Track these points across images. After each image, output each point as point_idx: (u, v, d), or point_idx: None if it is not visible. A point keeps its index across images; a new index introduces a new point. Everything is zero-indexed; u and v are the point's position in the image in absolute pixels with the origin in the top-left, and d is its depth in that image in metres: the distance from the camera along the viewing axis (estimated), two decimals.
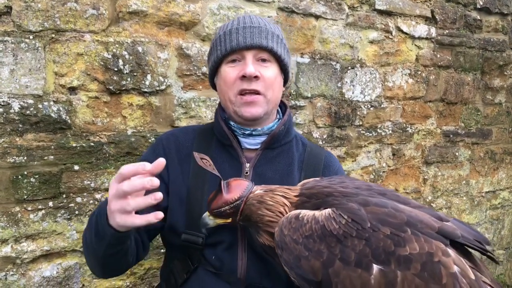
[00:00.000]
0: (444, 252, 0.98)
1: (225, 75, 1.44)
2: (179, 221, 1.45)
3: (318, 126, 2.70)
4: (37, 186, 1.94)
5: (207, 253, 1.42)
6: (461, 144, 3.46)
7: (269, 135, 1.51)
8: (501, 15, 3.46)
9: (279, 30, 1.52)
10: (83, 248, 1.38)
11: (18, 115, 1.87)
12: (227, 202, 1.21)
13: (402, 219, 1.01)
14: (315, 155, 1.59)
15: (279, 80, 1.50)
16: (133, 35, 2.07)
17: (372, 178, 2.99)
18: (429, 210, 1.10)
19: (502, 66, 3.56)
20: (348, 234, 1.00)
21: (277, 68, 1.48)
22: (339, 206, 1.06)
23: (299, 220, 1.08)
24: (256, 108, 1.43)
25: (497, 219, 3.90)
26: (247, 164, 1.49)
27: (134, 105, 2.10)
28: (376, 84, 2.89)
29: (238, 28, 1.42)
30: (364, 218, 1.01)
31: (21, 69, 1.86)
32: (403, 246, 0.97)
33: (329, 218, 1.04)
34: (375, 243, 0.98)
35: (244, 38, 1.40)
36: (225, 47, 1.43)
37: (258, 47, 1.41)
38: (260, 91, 1.41)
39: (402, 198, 1.13)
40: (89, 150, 2.02)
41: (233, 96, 1.43)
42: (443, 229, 1.02)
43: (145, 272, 2.24)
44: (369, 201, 1.06)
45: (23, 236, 1.95)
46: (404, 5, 2.92)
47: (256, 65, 1.42)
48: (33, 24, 1.86)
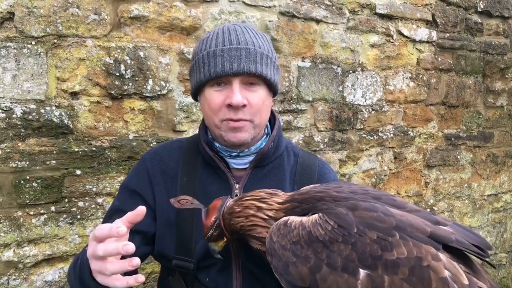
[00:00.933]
0: (434, 257, 0.96)
1: (210, 100, 1.33)
2: (169, 247, 1.39)
3: (320, 130, 2.70)
4: (39, 190, 1.95)
5: (201, 276, 1.38)
6: (462, 147, 3.46)
7: (258, 154, 1.43)
8: (502, 18, 3.47)
9: (268, 44, 1.39)
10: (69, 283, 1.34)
11: (21, 120, 1.88)
12: (207, 226, 1.22)
13: (391, 224, 1.00)
14: (307, 166, 1.51)
15: (267, 102, 1.39)
16: (135, 40, 2.08)
17: (373, 181, 2.99)
18: (427, 214, 1.09)
19: (504, 69, 3.56)
20: (334, 239, 0.99)
21: (266, 89, 1.37)
22: (327, 211, 1.06)
23: (287, 226, 1.07)
24: (243, 133, 1.33)
25: (499, 222, 3.89)
26: (236, 185, 1.41)
27: (135, 110, 2.11)
28: (377, 88, 2.90)
29: (224, 50, 1.29)
30: (351, 223, 1.00)
31: (23, 75, 1.87)
32: (390, 250, 0.96)
33: (315, 224, 1.03)
34: (361, 247, 0.97)
35: (230, 64, 1.27)
36: (209, 71, 1.30)
37: (246, 74, 1.29)
38: (246, 119, 1.32)
39: (398, 202, 1.12)
40: (91, 155, 2.03)
41: (218, 121, 1.34)
42: (435, 233, 1.00)
43: (146, 276, 2.24)
44: (358, 206, 1.05)
45: (25, 241, 1.96)
46: (405, 9, 2.92)
47: (243, 91, 1.30)
48: (35, 30, 1.87)
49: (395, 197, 1.15)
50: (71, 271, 1.31)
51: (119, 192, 1.50)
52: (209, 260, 1.37)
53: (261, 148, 1.44)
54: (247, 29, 1.36)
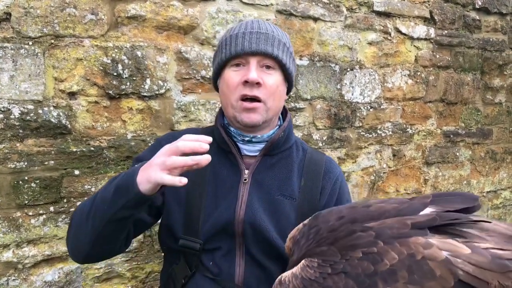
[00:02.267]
0: (425, 245, 0.93)
1: (228, 79, 1.44)
2: (177, 224, 1.45)
3: (318, 128, 2.70)
4: (38, 191, 1.95)
5: (205, 259, 1.42)
6: (461, 144, 3.46)
7: (268, 141, 1.50)
8: (500, 15, 3.47)
9: (287, 39, 1.50)
10: (75, 222, 1.36)
11: (18, 120, 1.88)
12: None
13: (371, 236, 0.98)
14: (315, 162, 1.57)
15: (281, 89, 1.48)
16: (132, 40, 2.08)
17: (372, 179, 2.99)
18: (406, 206, 1.06)
19: (502, 66, 3.56)
20: (325, 273, 0.98)
21: (281, 76, 1.47)
22: (309, 253, 1.06)
23: (283, 284, 1.06)
24: (256, 115, 1.42)
25: (499, 219, 3.89)
26: (246, 171, 1.48)
27: (133, 109, 2.11)
28: (376, 85, 2.90)
29: (245, 32, 1.41)
30: (333, 253, 0.99)
31: (20, 75, 1.87)
32: (381, 261, 0.93)
33: (304, 268, 1.03)
34: (353, 270, 0.95)
35: (249, 44, 1.39)
36: (229, 50, 1.42)
37: (263, 54, 1.40)
38: (261, 98, 1.41)
39: (375, 213, 1.08)
40: (89, 155, 2.03)
41: (235, 101, 1.43)
42: (416, 222, 0.99)
43: (146, 275, 2.24)
44: (337, 237, 1.04)
45: (25, 241, 1.96)
46: (402, 6, 2.92)
47: (259, 72, 1.40)
48: (32, 30, 1.87)
49: (370, 207, 1.12)
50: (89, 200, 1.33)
51: (132, 164, 1.58)
52: (214, 243, 1.42)
53: (272, 136, 1.51)
54: (270, 24, 1.50)
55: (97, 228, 1.27)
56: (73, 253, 1.41)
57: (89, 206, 1.30)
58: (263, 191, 1.47)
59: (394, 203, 1.11)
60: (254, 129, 1.48)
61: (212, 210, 1.44)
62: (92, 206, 1.29)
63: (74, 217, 1.38)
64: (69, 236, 1.39)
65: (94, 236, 1.28)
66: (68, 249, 1.42)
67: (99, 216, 1.26)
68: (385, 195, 3.08)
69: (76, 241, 1.36)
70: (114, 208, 1.23)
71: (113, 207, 1.23)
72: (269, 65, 1.43)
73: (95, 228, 1.27)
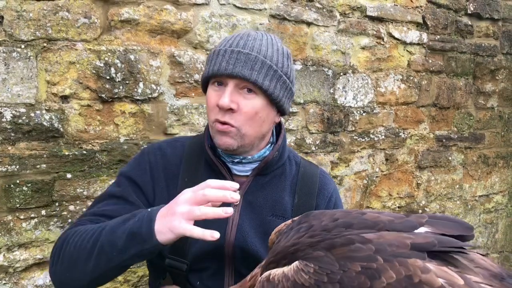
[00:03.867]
0: (423, 269, 0.93)
1: (208, 99, 1.36)
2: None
3: (311, 132, 2.71)
4: (29, 194, 1.94)
5: (192, 279, 1.37)
6: (454, 149, 3.48)
7: (261, 161, 1.43)
8: (492, 20, 3.50)
9: (282, 58, 1.36)
10: (66, 255, 1.23)
11: (10, 124, 1.87)
12: None
13: (371, 249, 0.96)
14: (308, 177, 1.50)
15: (263, 114, 1.34)
16: (125, 43, 2.08)
17: (365, 183, 3.00)
18: (402, 221, 1.06)
19: (494, 71, 3.59)
20: (320, 281, 0.95)
21: (264, 100, 1.33)
22: (305, 257, 1.02)
23: (271, 282, 1.03)
24: (227, 138, 1.33)
25: (491, 223, 3.92)
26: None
27: (126, 113, 2.11)
28: (368, 90, 2.91)
29: (227, 50, 1.30)
30: (331, 261, 0.97)
31: (13, 78, 1.86)
32: (379, 278, 0.92)
33: (297, 271, 0.99)
34: (349, 283, 0.93)
35: (227, 64, 1.28)
36: (209, 69, 1.33)
37: (239, 77, 1.28)
38: (233, 124, 1.30)
39: (370, 221, 1.08)
40: (81, 158, 2.02)
41: (211, 121, 1.36)
42: (415, 243, 0.98)
43: (138, 279, 2.24)
44: (334, 244, 1.01)
45: (16, 245, 1.95)
46: (395, 11, 2.94)
47: (236, 95, 1.30)
48: (24, 34, 1.86)
49: (366, 215, 1.11)
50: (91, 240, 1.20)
51: (118, 178, 1.45)
52: (202, 263, 1.37)
53: (264, 156, 1.43)
54: (265, 38, 1.36)
55: (98, 270, 1.18)
56: (60, 284, 1.28)
57: (91, 245, 1.18)
58: (254, 212, 1.41)
59: (389, 216, 1.10)
60: (233, 152, 1.39)
61: None
62: (95, 247, 1.18)
63: (64, 247, 1.24)
64: (55, 266, 1.26)
65: (93, 277, 1.20)
66: (53, 279, 1.29)
67: (104, 261, 1.16)
68: (378, 199, 3.09)
69: (67, 274, 1.23)
70: (124, 255, 1.14)
71: (124, 255, 1.14)
72: (250, 88, 1.31)
73: (96, 270, 1.18)
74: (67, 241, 1.25)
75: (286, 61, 1.38)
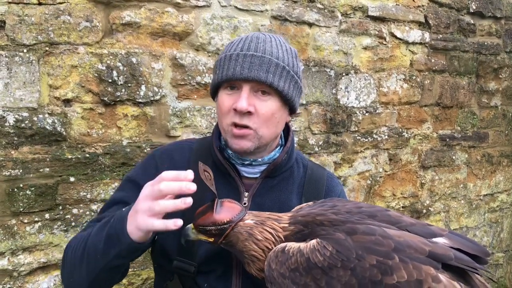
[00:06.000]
0: (434, 278, 0.96)
1: (221, 103, 1.36)
2: (171, 246, 1.39)
3: (314, 132, 2.71)
4: (33, 198, 1.94)
5: (200, 281, 1.37)
6: (457, 148, 3.47)
7: (271, 164, 1.43)
8: (494, 18, 3.48)
9: (292, 57, 1.39)
10: (69, 260, 1.31)
11: (13, 128, 1.88)
12: (215, 223, 1.15)
13: (390, 246, 0.98)
14: (316, 179, 1.51)
15: (278, 115, 1.37)
16: (127, 47, 2.09)
17: (369, 183, 2.99)
18: (422, 227, 1.08)
19: (497, 69, 3.57)
20: (333, 265, 0.98)
21: (279, 101, 1.36)
22: (325, 237, 1.04)
23: (285, 254, 1.06)
24: (245, 141, 1.33)
25: (495, 222, 3.90)
26: (245, 193, 1.41)
27: (129, 116, 2.11)
28: (371, 90, 2.91)
29: (239, 54, 1.32)
30: (350, 248, 0.99)
31: (15, 83, 1.87)
32: (390, 274, 0.95)
33: (313, 250, 1.02)
34: (361, 273, 0.96)
35: (241, 69, 1.29)
36: (221, 74, 1.34)
37: (256, 81, 1.30)
38: (251, 127, 1.32)
39: (393, 217, 1.10)
40: (84, 162, 2.03)
41: (226, 125, 1.35)
42: (434, 252, 1.00)
43: (142, 282, 2.24)
44: (356, 229, 1.04)
45: (20, 249, 1.96)
46: (397, 11, 2.94)
47: (252, 98, 1.31)
48: (27, 38, 1.87)
49: (390, 212, 1.14)
50: (80, 242, 1.28)
51: (123, 183, 1.48)
52: (210, 265, 1.37)
53: (274, 158, 1.44)
54: (273, 40, 1.38)
55: (92, 273, 1.23)
56: (68, 285, 1.36)
57: (82, 249, 1.25)
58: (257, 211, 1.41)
59: (411, 219, 1.13)
60: (248, 155, 1.40)
61: None
62: (85, 251, 1.24)
63: (68, 253, 1.32)
64: (63, 271, 1.35)
65: (91, 279, 1.24)
66: (64, 284, 1.37)
67: (92, 263, 1.22)
68: (382, 199, 3.08)
69: (71, 279, 1.31)
70: (106, 258, 1.19)
71: (105, 257, 1.19)
72: (265, 90, 1.33)
73: (89, 273, 1.23)
74: (70, 247, 1.32)
75: (295, 61, 1.41)
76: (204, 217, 1.16)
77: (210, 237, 1.18)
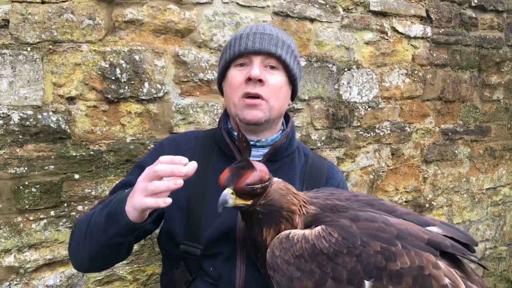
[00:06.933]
0: (434, 265, 0.98)
1: (232, 78, 1.45)
2: (178, 230, 1.44)
3: (316, 128, 2.72)
4: (38, 195, 1.96)
5: (205, 264, 1.42)
6: (460, 142, 3.47)
7: (271, 147, 1.50)
8: (496, 12, 3.47)
9: (293, 42, 1.52)
10: (75, 236, 1.39)
11: (18, 126, 1.89)
12: (262, 179, 1.09)
13: (392, 233, 1.01)
14: (317, 167, 1.57)
15: (285, 89, 1.49)
16: (130, 44, 2.10)
17: (371, 178, 3.00)
18: (417, 216, 1.11)
19: (499, 63, 3.57)
20: (338, 252, 0.99)
21: (285, 77, 1.48)
22: (331, 223, 1.05)
23: (290, 240, 1.06)
24: (258, 111, 1.42)
25: (498, 216, 3.91)
26: None
27: (132, 113, 2.12)
28: (373, 85, 2.91)
29: (249, 33, 1.44)
30: (355, 234, 1.01)
31: (19, 81, 1.88)
32: (394, 260, 0.97)
33: (319, 237, 1.03)
34: (366, 259, 0.98)
35: (253, 43, 1.42)
36: (233, 50, 1.44)
37: (266, 53, 1.42)
38: (263, 96, 1.41)
39: (388, 206, 1.13)
40: (89, 159, 2.04)
41: (237, 99, 1.43)
42: (432, 240, 1.03)
43: (147, 278, 2.25)
44: (359, 216, 1.05)
45: (26, 246, 1.97)
46: (398, 6, 2.93)
47: (262, 70, 1.42)
48: (30, 36, 1.88)
49: (384, 201, 1.17)
50: (86, 219, 1.35)
51: (132, 169, 1.59)
52: (215, 248, 1.41)
53: (276, 141, 1.51)
54: (276, 27, 1.53)
55: (94, 249, 1.31)
56: (75, 264, 1.45)
57: (86, 226, 1.33)
58: None
59: (405, 208, 1.16)
60: (257, 129, 1.47)
61: (214, 216, 1.40)
62: (88, 228, 1.32)
63: (74, 230, 1.41)
64: (70, 247, 1.44)
65: (92, 255, 1.33)
66: (71, 259, 1.46)
67: (94, 240, 1.29)
68: (385, 193, 3.09)
69: (77, 254, 1.40)
70: (107, 235, 1.26)
71: (106, 234, 1.26)
72: (273, 65, 1.44)
73: (91, 249, 1.31)
74: (77, 225, 1.41)
75: (296, 47, 1.54)
76: (248, 177, 1.08)
77: (249, 199, 1.11)
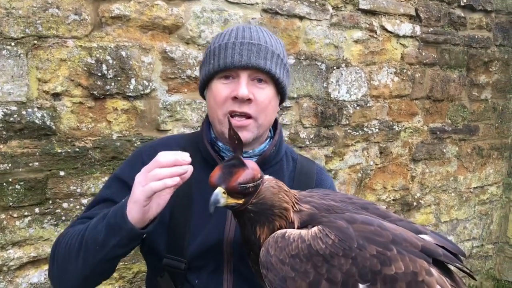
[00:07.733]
0: (427, 272, 0.99)
1: (216, 92, 1.33)
2: (160, 244, 1.38)
3: (305, 126, 2.71)
4: (22, 193, 1.94)
5: (191, 277, 1.36)
6: (448, 141, 3.49)
7: (259, 157, 1.42)
8: (484, 12, 3.50)
9: (281, 47, 1.41)
10: (60, 255, 1.28)
11: (2, 122, 1.86)
12: (254, 178, 1.06)
13: (388, 238, 1.01)
14: (306, 172, 1.51)
15: (274, 103, 1.38)
16: (116, 40, 2.08)
17: (360, 176, 3.01)
18: (408, 224, 1.11)
19: (487, 63, 3.59)
20: (335, 254, 0.98)
21: (274, 89, 1.36)
22: (328, 224, 1.04)
23: (285, 239, 1.04)
24: (245, 133, 1.31)
25: (485, 214, 3.94)
26: None
27: (119, 110, 2.10)
28: (362, 83, 2.91)
29: (235, 43, 1.31)
30: (352, 236, 1.00)
31: (3, 76, 1.85)
32: (389, 265, 0.97)
33: (315, 237, 1.01)
34: (362, 262, 0.97)
35: (240, 56, 1.29)
36: (218, 62, 1.31)
37: (255, 68, 1.29)
38: (251, 115, 1.31)
39: (382, 212, 1.13)
40: (74, 156, 2.02)
41: (222, 116, 1.32)
42: (425, 247, 1.03)
43: (133, 275, 2.24)
44: (356, 219, 1.05)
45: (10, 243, 1.95)
46: (388, 4, 2.94)
47: (250, 86, 1.30)
48: (14, 31, 1.85)
49: (377, 206, 1.17)
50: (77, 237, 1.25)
51: (109, 181, 1.46)
52: (201, 261, 1.35)
53: (264, 151, 1.43)
54: (262, 30, 1.39)
55: (88, 267, 1.21)
56: (60, 285, 1.32)
57: (78, 243, 1.23)
58: None
59: (397, 215, 1.16)
60: (244, 146, 1.37)
61: (199, 229, 1.36)
62: (82, 244, 1.22)
63: (59, 249, 1.29)
64: (53, 268, 1.31)
65: (86, 274, 1.23)
66: (53, 281, 1.34)
67: (90, 256, 1.20)
68: (373, 192, 3.10)
69: (63, 275, 1.27)
70: (106, 248, 1.18)
71: (106, 247, 1.18)
72: (261, 78, 1.32)
73: (85, 267, 1.22)
74: (60, 243, 1.29)
75: (284, 50, 1.42)
76: (240, 175, 1.06)
77: (241, 198, 1.08)
